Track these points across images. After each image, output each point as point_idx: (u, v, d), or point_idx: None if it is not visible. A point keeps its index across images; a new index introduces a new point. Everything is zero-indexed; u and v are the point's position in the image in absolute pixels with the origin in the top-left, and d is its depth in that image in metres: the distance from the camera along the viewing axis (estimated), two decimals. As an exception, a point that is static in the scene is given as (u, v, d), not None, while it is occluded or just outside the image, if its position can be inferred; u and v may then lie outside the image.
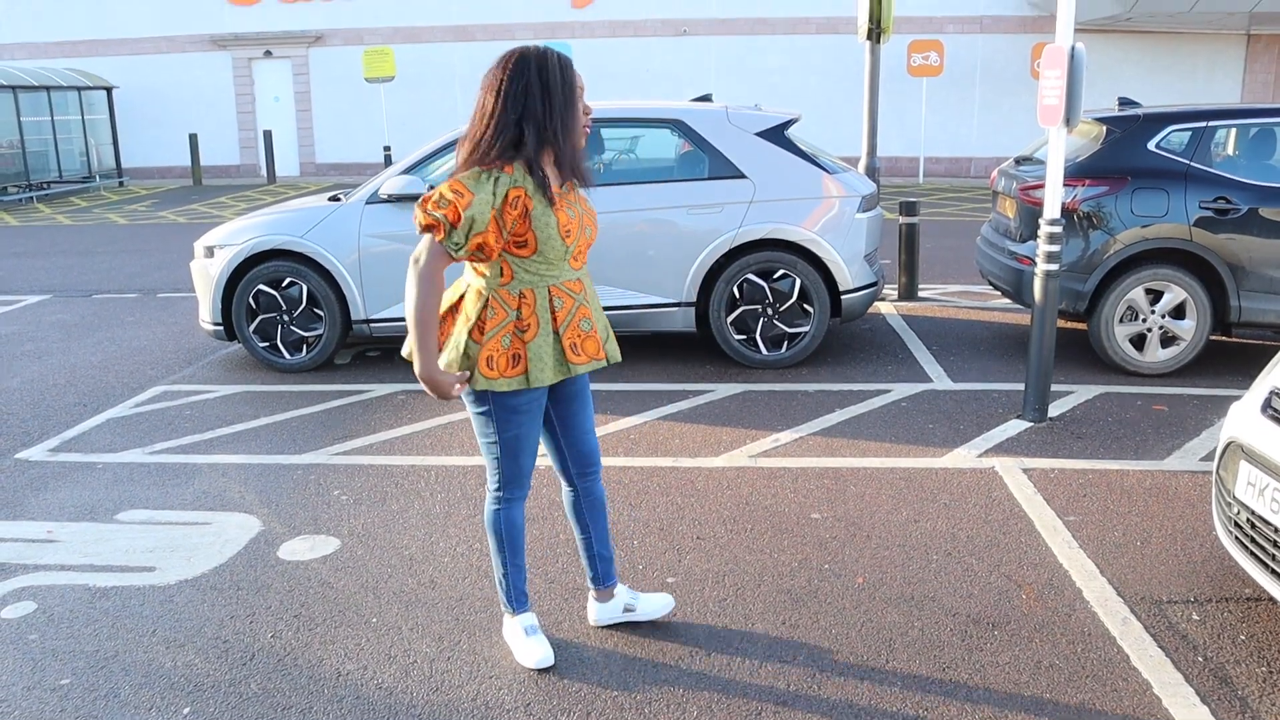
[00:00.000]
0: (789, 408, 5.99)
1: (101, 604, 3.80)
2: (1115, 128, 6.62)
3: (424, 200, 2.92)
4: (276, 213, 7.08)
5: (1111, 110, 6.96)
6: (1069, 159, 6.50)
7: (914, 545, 4.16)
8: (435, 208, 2.89)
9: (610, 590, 3.54)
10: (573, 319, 3.10)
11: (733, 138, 6.74)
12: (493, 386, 3.03)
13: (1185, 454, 5.18)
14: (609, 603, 3.55)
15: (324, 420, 5.93)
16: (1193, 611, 3.61)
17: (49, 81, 20.59)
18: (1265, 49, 20.55)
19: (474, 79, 19.39)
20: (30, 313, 9.19)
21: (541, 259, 3.01)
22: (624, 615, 3.56)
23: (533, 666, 3.30)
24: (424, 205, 2.90)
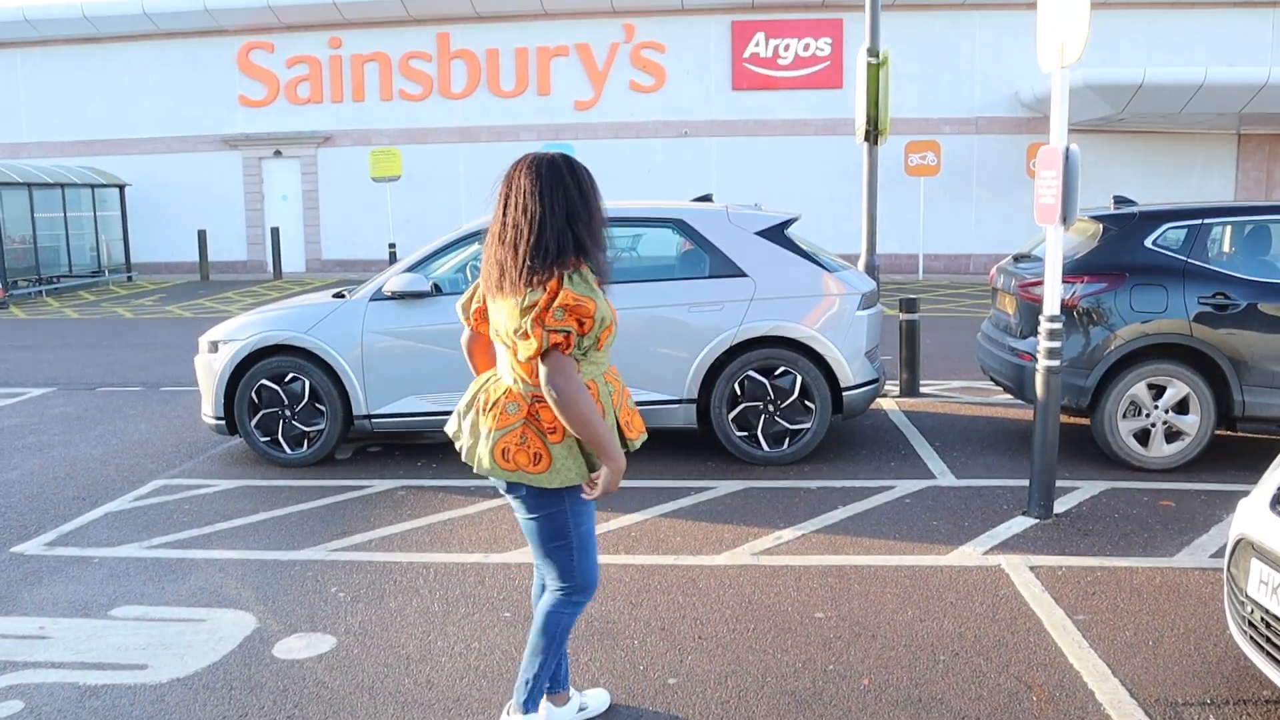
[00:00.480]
0: (791, 505, 5.94)
1: (91, 703, 3.72)
2: (1112, 225, 6.70)
3: (537, 321, 2.87)
4: (281, 308, 7.14)
5: (1108, 208, 7.06)
6: (1067, 256, 6.56)
7: (920, 645, 4.08)
8: (557, 323, 2.87)
9: (565, 694, 3.50)
10: (622, 400, 3.18)
11: (733, 237, 6.83)
12: (572, 480, 3.02)
13: (1195, 550, 5.11)
14: (564, 706, 3.49)
15: (323, 516, 5.88)
16: (1209, 714, 3.52)
17: (63, 179, 20.97)
18: (1256, 148, 20.95)
19: (478, 179, 19.67)
20: (33, 405, 9.20)
21: (604, 351, 3.07)
22: (579, 715, 3.52)
23: None
24: (540, 325, 2.86)
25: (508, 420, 3.03)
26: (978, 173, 21.52)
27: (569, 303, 2.87)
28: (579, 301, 2.88)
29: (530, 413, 3.02)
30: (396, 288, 6.72)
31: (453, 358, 6.66)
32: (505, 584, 4.79)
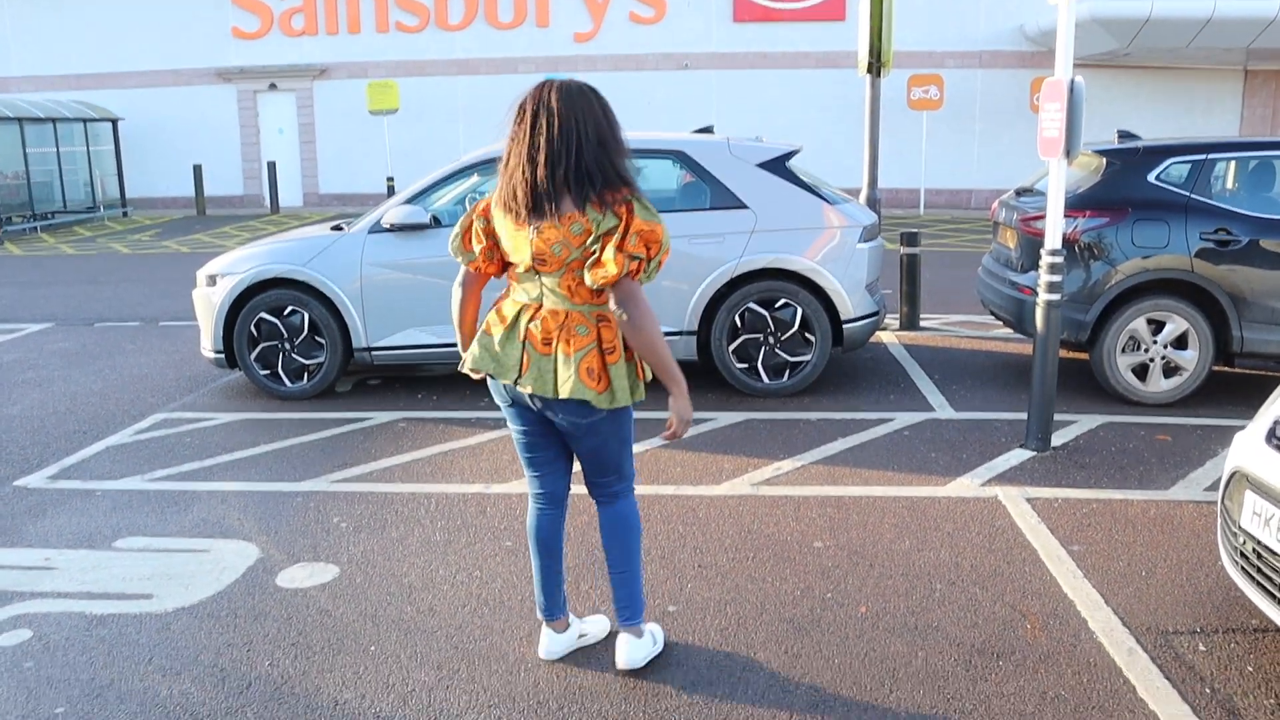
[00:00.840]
0: (791, 436, 5.97)
1: (98, 632, 3.77)
2: (1115, 160, 6.64)
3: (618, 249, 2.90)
4: (279, 242, 7.10)
5: (1111, 143, 6.99)
6: (1069, 191, 6.51)
7: (917, 574, 4.13)
8: (632, 249, 2.90)
9: (565, 620, 3.54)
10: None
11: (734, 169, 6.77)
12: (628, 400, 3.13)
13: (1189, 484, 5.15)
14: (565, 633, 3.54)
15: (324, 447, 5.91)
16: (1199, 642, 3.57)
17: (55, 113, 20.72)
18: (1263, 84, 20.69)
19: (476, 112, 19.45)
20: (32, 341, 9.20)
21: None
22: (579, 641, 3.56)
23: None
24: (621, 252, 2.90)
25: (582, 342, 3.06)
26: (981, 107, 21.28)
27: (642, 229, 2.91)
28: (650, 227, 2.93)
29: (597, 333, 3.08)
30: (395, 220, 6.68)
31: (451, 289, 6.65)
32: (506, 514, 4.83)
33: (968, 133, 21.38)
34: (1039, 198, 6.91)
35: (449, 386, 7.25)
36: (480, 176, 6.98)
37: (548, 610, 3.49)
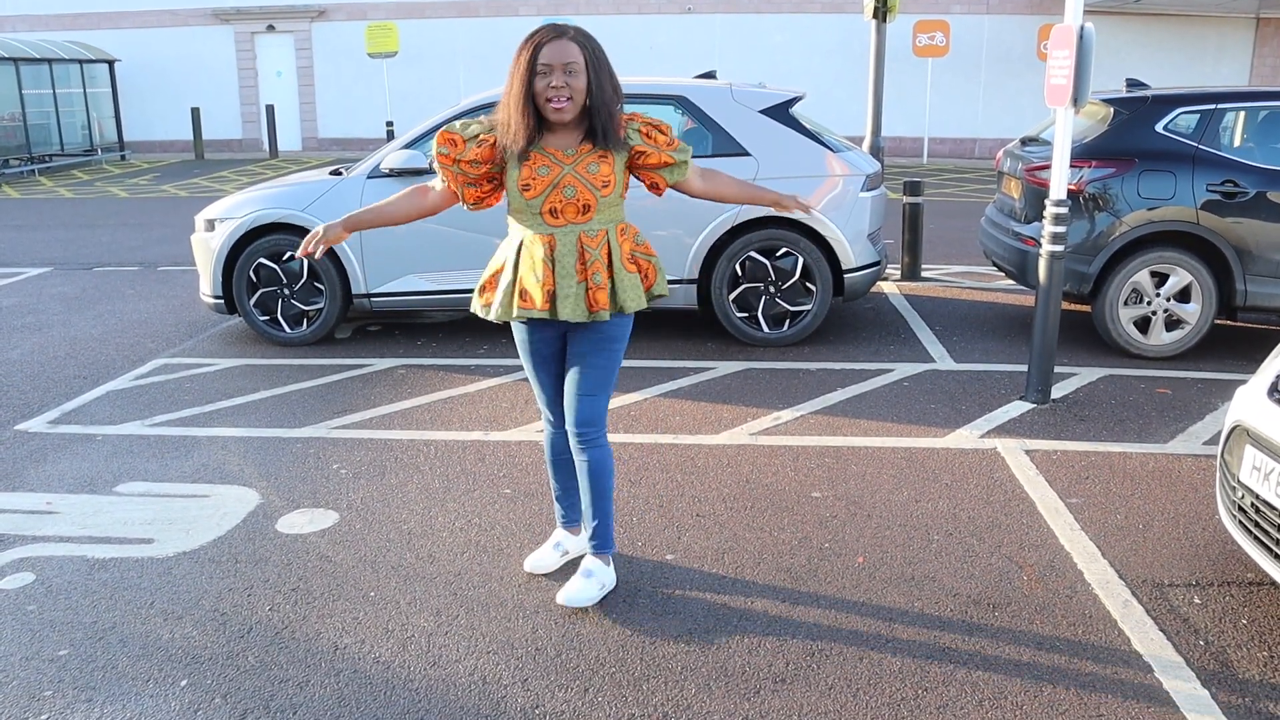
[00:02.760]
0: (790, 386, 5.97)
1: (100, 576, 3.79)
2: (1123, 109, 6.56)
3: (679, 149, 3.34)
4: (278, 186, 7.04)
5: (1119, 92, 6.90)
6: (1075, 140, 6.45)
7: (915, 525, 4.15)
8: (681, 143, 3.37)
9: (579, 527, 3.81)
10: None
11: (737, 115, 6.69)
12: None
13: (1189, 437, 5.15)
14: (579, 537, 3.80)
15: (323, 394, 5.91)
16: (1194, 595, 3.59)
17: (50, 54, 20.48)
18: (1275, 33, 20.42)
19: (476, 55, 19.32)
20: (31, 285, 9.17)
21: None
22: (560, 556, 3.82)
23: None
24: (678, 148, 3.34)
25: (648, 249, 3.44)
26: (987, 55, 21.02)
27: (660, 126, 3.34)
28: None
29: None
30: (394, 165, 6.61)
31: (452, 236, 6.61)
32: (505, 461, 4.84)
33: (973, 81, 21.15)
34: (1044, 147, 6.84)
35: (448, 333, 7.24)
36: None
37: (569, 519, 3.80)
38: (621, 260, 3.31)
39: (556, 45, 3.12)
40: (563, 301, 3.26)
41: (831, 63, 20.99)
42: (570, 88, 3.12)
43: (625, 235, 3.36)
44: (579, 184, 3.21)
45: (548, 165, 3.21)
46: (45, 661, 3.23)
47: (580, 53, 3.13)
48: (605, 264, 3.28)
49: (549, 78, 3.11)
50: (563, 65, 3.10)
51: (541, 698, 3.02)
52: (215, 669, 3.18)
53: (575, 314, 3.26)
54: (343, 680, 3.12)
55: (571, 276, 3.25)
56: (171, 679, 3.13)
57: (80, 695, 3.05)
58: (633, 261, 3.36)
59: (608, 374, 3.43)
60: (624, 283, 3.31)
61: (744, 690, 3.04)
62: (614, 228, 3.31)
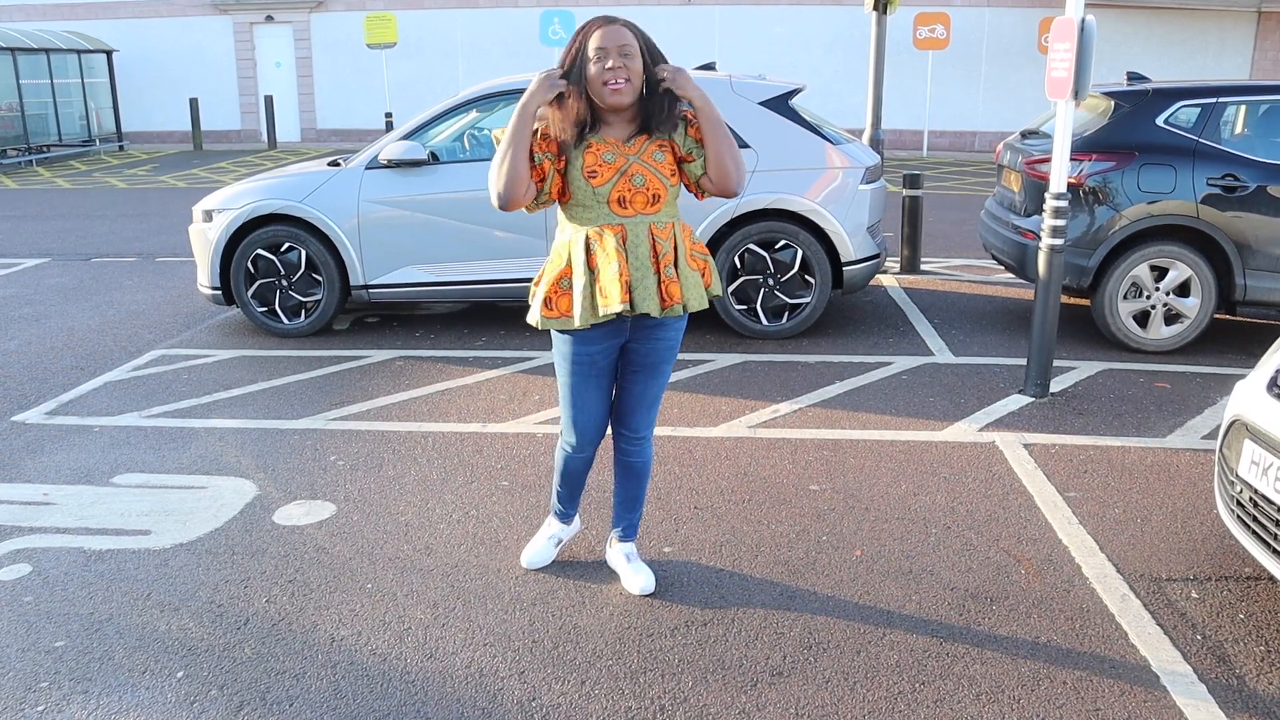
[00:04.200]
0: (789, 379, 5.96)
1: (96, 567, 3.79)
2: (1124, 102, 6.54)
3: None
4: (275, 177, 7.02)
5: (1120, 85, 6.88)
6: (1077, 133, 6.43)
7: (913, 518, 4.14)
8: None
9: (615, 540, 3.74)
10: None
11: (736, 107, 6.67)
12: None
13: (1187, 432, 5.15)
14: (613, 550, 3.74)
15: (321, 385, 5.90)
16: (1192, 589, 3.59)
17: (48, 44, 20.41)
18: (1276, 26, 20.37)
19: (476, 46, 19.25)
20: (28, 276, 9.15)
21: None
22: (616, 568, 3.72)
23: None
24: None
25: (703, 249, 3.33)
26: (988, 47, 20.97)
27: None
28: None
29: None
30: (393, 155, 6.59)
31: (450, 227, 6.59)
32: (503, 453, 4.83)
33: (974, 74, 21.10)
34: (1044, 140, 6.82)
35: (447, 325, 7.23)
36: (479, 112, 6.88)
37: (567, 514, 3.75)
38: (686, 255, 3.20)
39: (609, 30, 3.06)
40: (640, 293, 3.11)
41: (831, 55, 20.95)
42: (628, 69, 3.04)
43: (686, 232, 3.26)
44: (648, 172, 3.11)
45: (612, 152, 3.11)
46: (42, 653, 3.23)
47: (634, 37, 3.08)
48: (673, 259, 3.16)
49: (605, 61, 3.03)
50: (617, 48, 3.03)
51: (538, 690, 3.02)
52: (212, 660, 3.17)
53: (652, 306, 3.12)
54: (339, 672, 3.11)
55: (647, 267, 3.11)
56: (168, 670, 3.12)
57: (77, 686, 3.05)
58: (692, 259, 3.24)
59: (668, 378, 3.40)
60: (688, 280, 3.19)
61: (741, 683, 3.04)
62: (678, 221, 3.23)
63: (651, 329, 3.25)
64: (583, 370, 3.26)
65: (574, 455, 3.48)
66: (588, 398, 3.32)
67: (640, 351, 3.29)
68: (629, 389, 3.37)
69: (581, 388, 3.29)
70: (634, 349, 3.29)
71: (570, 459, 3.50)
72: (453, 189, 6.51)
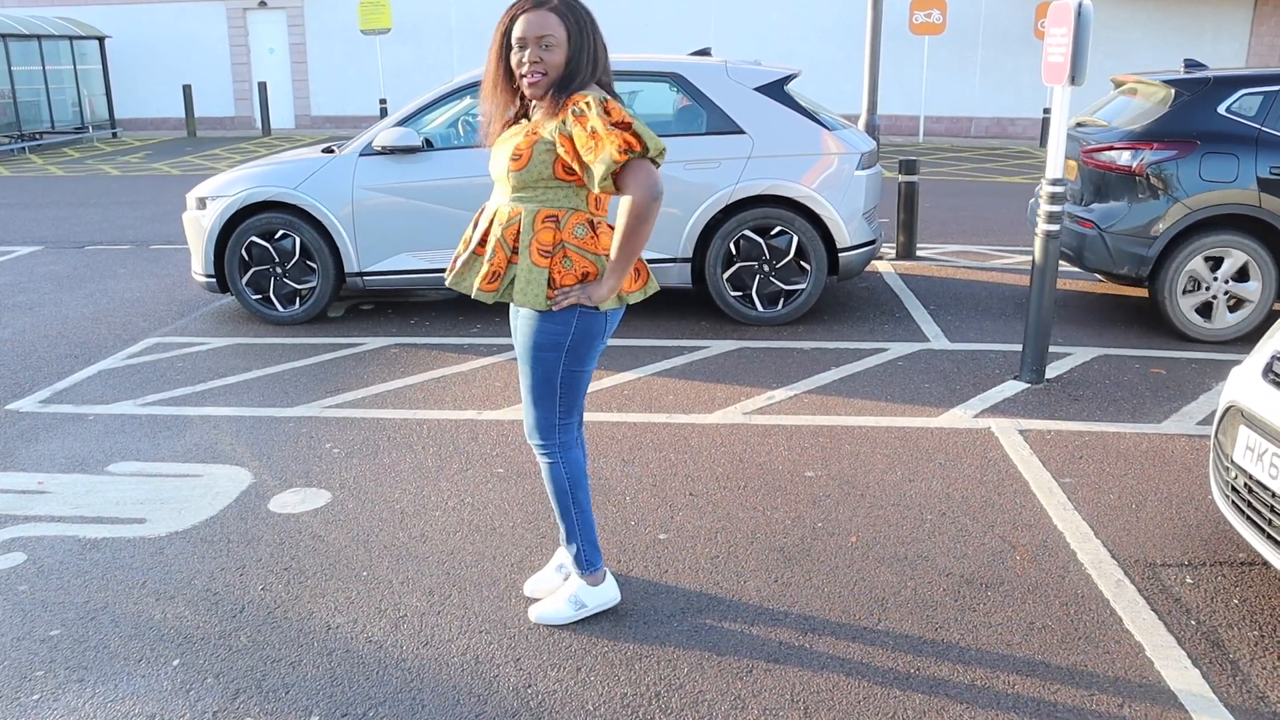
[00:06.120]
0: (784, 365, 5.96)
1: (92, 555, 3.78)
2: (1184, 91, 6.48)
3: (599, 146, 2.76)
4: (269, 164, 6.99)
5: (1178, 72, 6.82)
6: (1135, 122, 6.46)
7: (908, 505, 4.15)
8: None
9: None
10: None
11: (731, 92, 6.65)
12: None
13: (1182, 417, 5.16)
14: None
15: (316, 373, 5.89)
16: (1186, 575, 3.60)
17: (40, 30, 20.31)
18: (1273, 11, 20.33)
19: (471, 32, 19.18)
20: (22, 264, 9.12)
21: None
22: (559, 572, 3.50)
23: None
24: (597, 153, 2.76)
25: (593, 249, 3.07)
26: (984, 32, 20.92)
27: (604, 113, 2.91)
28: None
29: None
30: (387, 142, 6.57)
31: (445, 214, 6.57)
32: (498, 440, 4.83)
33: (970, 59, 21.05)
34: (1099, 129, 6.78)
35: (441, 312, 7.22)
36: (473, 99, 6.85)
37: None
38: (530, 248, 2.89)
39: (532, 16, 2.82)
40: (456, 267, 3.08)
41: (827, 40, 20.88)
42: (545, 63, 2.82)
43: (553, 224, 2.91)
44: (500, 154, 2.96)
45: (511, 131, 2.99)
46: (37, 641, 3.23)
47: (561, 24, 2.82)
48: (510, 246, 2.93)
49: (523, 52, 2.84)
50: (536, 39, 2.81)
51: (534, 676, 3.02)
52: (207, 648, 3.17)
53: (458, 283, 3.05)
54: (335, 660, 3.11)
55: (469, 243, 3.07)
56: (163, 659, 3.12)
57: (72, 675, 3.05)
58: (548, 255, 2.90)
59: (536, 380, 3.06)
60: (522, 275, 2.90)
61: (736, 669, 3.05)
62: (534, 211, 2.90)
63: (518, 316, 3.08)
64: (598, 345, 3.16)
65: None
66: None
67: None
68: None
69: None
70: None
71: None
72: (447, 176, 6.48)
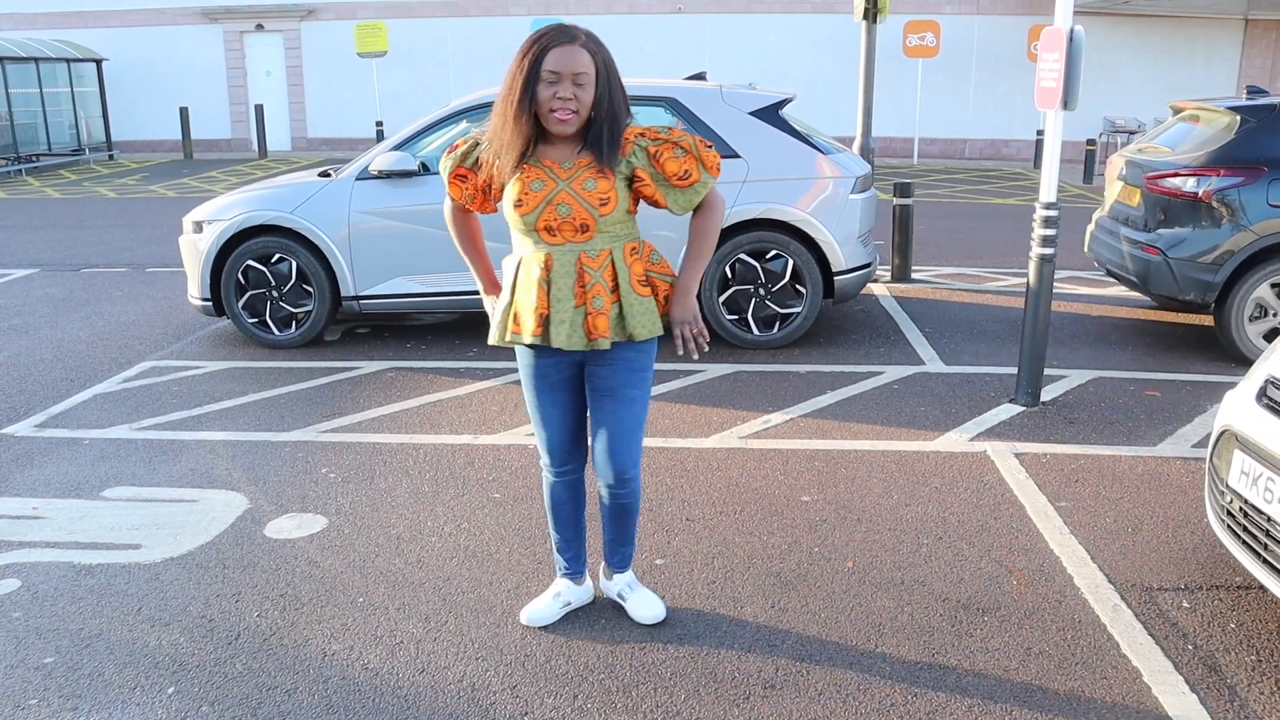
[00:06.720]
0: (780, 389, 5.97)
1: (86, 582, 3.77)
2: (1250, 117, 6.50)
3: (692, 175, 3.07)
4: (266, 188, 7.01)
5: (1241, 99, 6.85)
6: (1200, 149, 6.51)
7: (904, 529, 4.15)
8: None
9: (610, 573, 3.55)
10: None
11: (726, 117, 6.69)
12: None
13: (1178, 440, 5.17)
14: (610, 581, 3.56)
15: (312, 397, 5.89)
16: (1183, 599, 3.60)
17: (37, 53, 20.37)
18: (1263, 34, 20.51)
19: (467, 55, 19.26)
20: (18, 287, 9.11)
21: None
22: (617, 599, 3.55)
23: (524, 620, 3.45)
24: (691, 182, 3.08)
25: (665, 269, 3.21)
26: (978, 55, 21.07)
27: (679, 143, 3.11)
28: None
29: None
30: (383, 166, 6.60)
31: (441, 238, 6.59)
32: (494, 465, 4.83)
33: (963, 82, 21.20)
34: (1164, 156, 6.80)
35: (438, 336, 7.22)
36: (470, 123, 6.88)
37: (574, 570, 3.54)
38: (630, 283, 3.01)
39: (566, 51, 2.82)
40: (556, 327, 2.98)
41: (822, 63, 21.01)
42: (578, 100, 2.84)
43: (637, 255, 3.06)
44: (574, 202, 2.92)
45: (542, 180, 2.93)
46: (30, 669, 3.21)
47: (591, 63, 2.85)
48: (610, 287, 2.99)
49: (556, 87, 2.82)
50: (572, 75, 2.82)
51: (530, 704, 3.01)
52: (203, 676, 3.16)
53: (571, 341, 2.99)
54: (331, 687, 3.10)
55: (569, 300, 2.97)
56: (158, 686, 3.11)
57: (66, 703, 3.03)
58: (645, 284, 3.06)
59: (644, 406, 3.18)
60: (634, 308, 3.01)
61: (734, 696, 3.04)
62: (621, 247, 3.02)
63: (605, 351, 3.09)
64: (536, 383, 3.19)
65: (552, 477, 3.34)
66: (547, 411, 3.22)
67: (599, 375, 3.13)
68: (596, 418, 3.18)
69: (538, 400, 3.22)
70: (592, 371, 3.14)
71: (551, 485, 3.36)
72: (444, 200, 6.49)
